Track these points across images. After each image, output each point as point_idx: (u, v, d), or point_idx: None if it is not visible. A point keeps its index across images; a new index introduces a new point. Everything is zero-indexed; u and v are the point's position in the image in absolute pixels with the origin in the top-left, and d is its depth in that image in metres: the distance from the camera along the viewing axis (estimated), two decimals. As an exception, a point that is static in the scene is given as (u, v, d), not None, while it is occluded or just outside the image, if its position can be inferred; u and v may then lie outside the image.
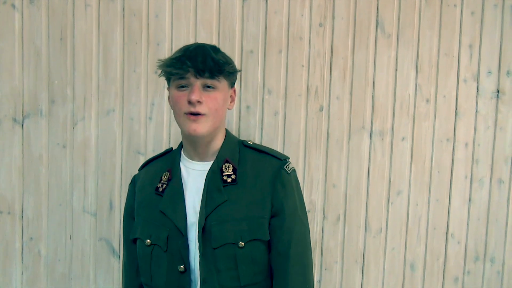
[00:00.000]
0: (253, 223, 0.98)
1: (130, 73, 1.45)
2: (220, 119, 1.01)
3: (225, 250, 0.96)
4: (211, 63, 0.95)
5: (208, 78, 0.96)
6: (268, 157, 1.05)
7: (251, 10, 1.42)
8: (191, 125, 0.96)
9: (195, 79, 0.95)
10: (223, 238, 0.96)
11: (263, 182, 1.00)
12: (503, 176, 1.44)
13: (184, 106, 0.96)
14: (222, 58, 0.99)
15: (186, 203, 1.00)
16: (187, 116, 0.96)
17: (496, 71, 1.43)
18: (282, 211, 1.00)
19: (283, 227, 1.00)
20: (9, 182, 1.48)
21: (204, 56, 0.96)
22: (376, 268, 1.45)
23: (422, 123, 1.43)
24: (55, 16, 1.45)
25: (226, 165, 1.02)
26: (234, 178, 1.00)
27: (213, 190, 0.99)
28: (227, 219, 0.97)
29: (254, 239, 0.97)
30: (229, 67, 1.00)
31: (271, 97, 1.43)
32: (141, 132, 1.45)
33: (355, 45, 1.42)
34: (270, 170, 1.02)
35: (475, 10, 1.42)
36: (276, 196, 1.00)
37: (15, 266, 1.50)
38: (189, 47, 0.99)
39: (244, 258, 0.96)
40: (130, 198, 1.12)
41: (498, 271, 1.46)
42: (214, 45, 1.04)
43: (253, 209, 0.99)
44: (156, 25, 1.44)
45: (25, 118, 1.47)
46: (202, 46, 0.99)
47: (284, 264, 0.99)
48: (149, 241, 1.00)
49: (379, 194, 1.44)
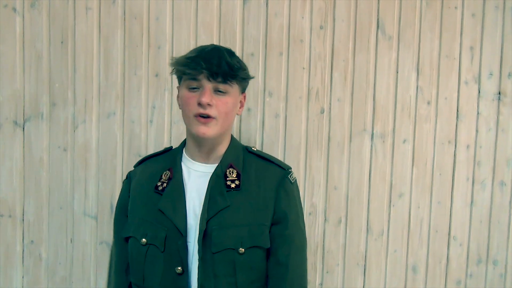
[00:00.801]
0: (254, 230, 0.97)
1: (131, 76, 1.45)
2: (228, 123, 1.00)
3: (224, 256, 0.95)
4: (226, 67, 0.94)
5: (220, 82, 0.95)
6: (272, 165, 1.05)
7: (251, 12, 1.42)
8: (200, 128, 0.95)
9: (207, 81, 0.94)
10: (223, 243, 0.95)
11: (266, 189, 1.00)
12: (505, 178, 1.43)
13: (194, 108, 0.95)
14: (237, 63, 0.97)
15: (187, 204, 0.99)
16: (196, 118, 0.95)
17: (498, 73, 1.42)
18: (284, 219, 1.00)
19: (283, 235, 0.99)
20: (10, 185, 1.48)
21: (219, 59, 0.94)
22: (377, 270, 1.45)
23: (423, 125, 1.43)
24: (56, 19, 1.45)
25: (230, 170, 1.01)
26: (238, 184, 1.00)
27: (216, 194, 0.98)
28: (229, 224, 0.96)
29: (254, 246, 0.97)
30: (243, 73, 0.99)
31: (272, 99, 1.43)
32: (142, 135, 1.45)
33: (356, 47, 1.42)
34: (274, 178, 1.02)
35: (476, 12, 1.41)
36: (279, 204, 1.00)
37: (16, 270, 1.50)
38: (205, 48, 0.98)
39: (243, 264, 0.96)
40: (125, 195, 1.09)
41: (501, 273, 1.45)
42: (230, 48, 1.02)
43: (255, 215, 0.98)
44: (156, 28, 1.44)
45: (26, 121, 1.47)
46: (218, 48, 0.98)
47: (282, 273, 0.98)
48: (144, 240, 0.98)
49: (381, 197, 1.44)
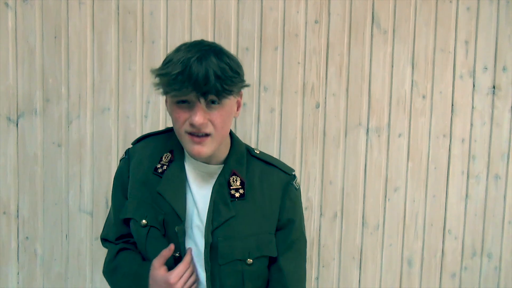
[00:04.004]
0: (261, 239, 0.95)
1: (125, 71, 1.44)
2: (225, 134, 0.91)
3: (232, 267, 0.92)
4: (216, 83, 0.80)
5: (213, 96, 0.82)
6: (276, 170, 1.00)
7: (246, 7, 1.42)
8: (194, 147, 0.86)
9: (199, 98, 0.82)
10: (231, 254, 0.92)
11: (271, 197, 0.97)
12: (500, 171, 1.44)
13: (185, 125, 0.84)
14: (229, 71, 0.82)
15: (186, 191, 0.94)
16: (189, 137, 0.85)
17: (492, 67, 1.43)
18: (289, 226, 0.98)
19: (287, 241, 0.98)
20: (4, 182, 1.47)
21: (207, 73, 0.80)
22: (373, 264, 1.45)
23: (418, 119, 1.43)
24: (49, 14, 1.44)
25: (234, 178, 0.96)
26: (243, 193, 0.95)
27: (220, 204, 0.94)
28: (235, 235, 0.93)
29: (262, 256, 0.94)
30: (237, 83, 0.85)
31: (267, 94, 1.43)
32: (137, 130, 1.45)
33: (351, 41, 1.42)
34: (279, 185, 0.98)
35: (470, 6, 1.41)
36: (284, 211, 0.97)
37: (11, 266, 1.49)
38: (189, 61, 0.81)
39: (251, 274, 0.94)
40: (124, 175, 1.01)
41: (495, 266, 1.46)
42: (219, 47, 0.88)
43: (261, 225, 0.96)
44: (151, 22, 1.43)
45: (20, 117, 1.46)
46: (205, 57, 0.82)
47: (284, 278, 0.97)
48: (144, 222, 0.94)
49: (376, 191, 1.44)
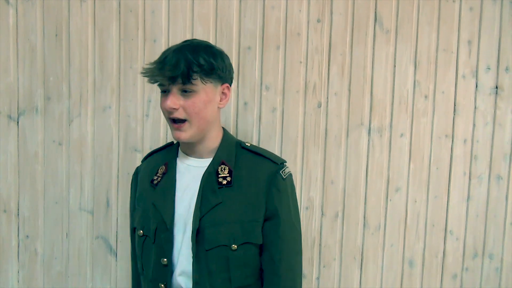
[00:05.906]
0: (246, 226, 0.98)
1: (126, 70, 1.43)
2: (206, 121, 0.98)
3: (217, 252, 0.96)
4: (184, 68, 0.91)
5: (181, 83, 0.93)
6: (265, 160, 1.04)
7: (248, 6, 1.41)
8: (175, 132, 0.98)
9: (171, 84, 0.94)
10: (216, 240, 0.96)
11: (258, 186, 1.00)
12: (502, 172, 1.43)
13: (165, 112, 0.96)
14: (200, 60, 0.92)
15: (176, 198, 1.01)
16: (171, 123, 0.98)
17: (495, 67, 1.42)
18: (276, 216, 1.00)
19: (276, 231, 1.00)
20: (5, 180, 1.47)
21: (177, 61, 0.91)
22: (374, 265, 1.45)
23: (420, 119, 1.43)
24: (50, 12, 1.43)
25: (222, 167, 1.01)
26: (230, 181, 1.00)
27: (208, 192, 0.99)
28: (221, 221, 0.97)
29: (246, 242, 0.97)
30: (206, 69, 0.94)
31: (269, 93, 1.42)
32: (138, 129, 1.44)
33: (353, 41, 1.41)
34: (265, 174, 1.01)
35: (473, 6, 1.41)
36: (270, 200, 1.00)
37: (11, 265, 1.49)
38: (166, 53, 0.95)
39: (236, 260, 0.97)
40: (133, 190, 1.14)
41: (497, 267, 1.46)
42: (204, 44, 0.98)
43: (247, 212, 0.98)
44: (152, 21, 1.42)
45: (20, 115, 1.45)
46: (180, 49, 0.94)
47: (275, 269, 0.99)
48: (141, 232, 1.02)
49: (378, 191, 1.44)
